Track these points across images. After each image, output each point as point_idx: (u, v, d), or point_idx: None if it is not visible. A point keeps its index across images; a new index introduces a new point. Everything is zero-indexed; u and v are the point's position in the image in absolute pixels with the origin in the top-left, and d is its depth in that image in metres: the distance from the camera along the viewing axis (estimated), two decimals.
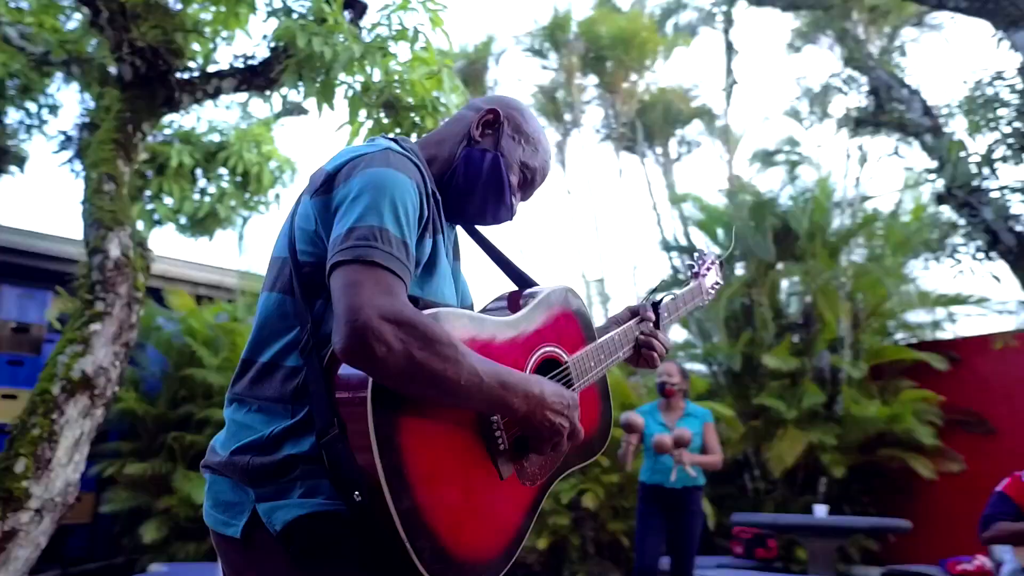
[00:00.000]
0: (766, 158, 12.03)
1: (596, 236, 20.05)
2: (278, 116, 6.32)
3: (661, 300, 1.83)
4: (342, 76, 3.44)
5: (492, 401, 1.25)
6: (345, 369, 1.23)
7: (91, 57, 5.15)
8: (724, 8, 8.53)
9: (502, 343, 1.39)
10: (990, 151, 5.82)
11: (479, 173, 1.52)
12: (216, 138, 5.91)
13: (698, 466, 4.89)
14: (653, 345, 1.73)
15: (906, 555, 8.58)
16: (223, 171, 5.85)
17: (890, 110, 8.20)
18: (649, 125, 11.44)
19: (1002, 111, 5.90)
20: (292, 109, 6.52)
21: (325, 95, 3.49)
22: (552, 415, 1.33)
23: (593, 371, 1.57)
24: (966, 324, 10.56)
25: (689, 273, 2.13)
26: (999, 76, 6.03)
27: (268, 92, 3.99)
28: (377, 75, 3.56)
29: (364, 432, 1.16)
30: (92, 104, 5.26)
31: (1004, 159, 6.15)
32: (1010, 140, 5.73)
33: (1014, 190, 6.37)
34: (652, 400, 5.97)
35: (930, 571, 5.82)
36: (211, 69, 3.98)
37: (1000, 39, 5.88)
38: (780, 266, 10.47)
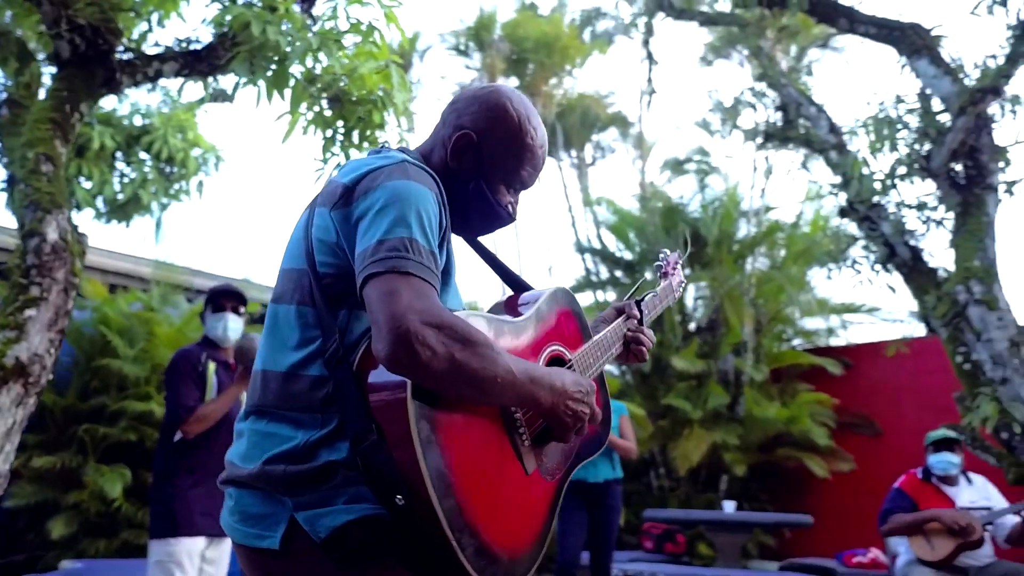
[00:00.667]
0: (677, 166, 12.46)
1: (513, 236, 20.21)
2: (202, 102, 6.16)
3: (644, 299, 1.94)
4: (295, 67, 3.43)
5: (523, 396, 1.30)
6: (379, 375, 1.25)
7: (7, 31, 4.92)
8: (645, 19, 8.77)
9: (516, 344, 1.45)
10: (893, 170, 6.22)
11: (467, 204, 1.54)
12: (138, 121, 5.72)
13: (617, 452, 5.06)
14: (641, 340, 1.81)
15: (800, 550, 9.05)
16: (145, 156, 5.67)
17: (798, 126, 8.60)
18: (567, 129, 11.67)
19: (902, 133, 6.32)
20: (217, 95, 6.38)
21: (278, 85, 3.47)
22: (574, 404, 1.38)
23: (594, 367, 1.64)
24: (858, 332, 11.20)
25: (658, 274, 2.24)
26: (901, 100, 6.47)
27: (210, 78, 3.92)
28: (323, 67, 3.56)
29: (405, 435, 1.19)
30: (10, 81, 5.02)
31: (902, 178, 6.57)
32: (909, 161, 6.14)
33: (910, 207, 6.81)
34: None
35: (828, 564, 6.18)
36: (153, 51, 3.88)
37: (904, 65, 6.30)
38: (688, 271, 10.86)
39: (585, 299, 11.52)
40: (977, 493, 5.01)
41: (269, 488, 1.28)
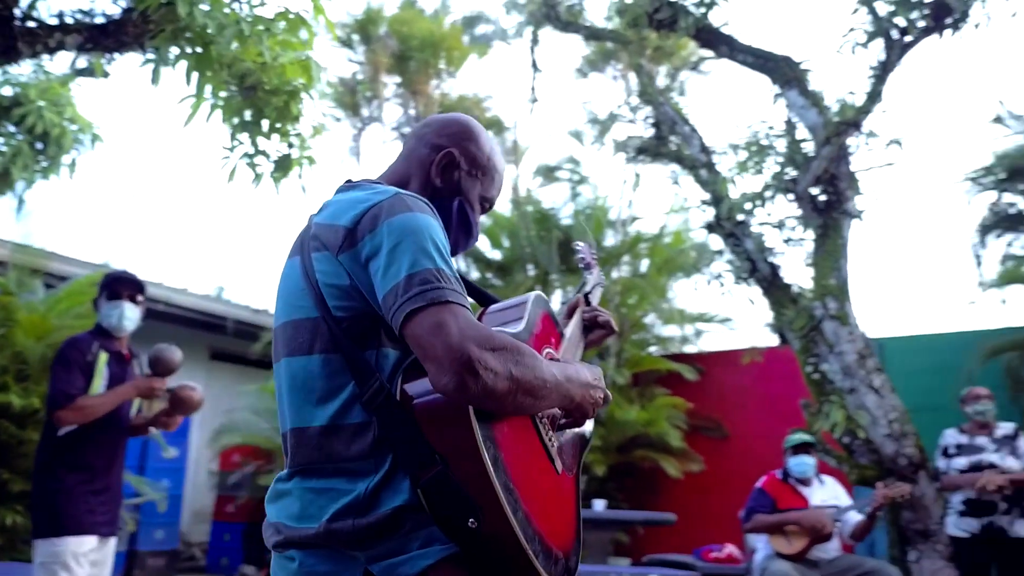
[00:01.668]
0: (548, 173, 12.77)
1: None
2: (75, 75, 5.76)
3: (591, 291, 2.05)
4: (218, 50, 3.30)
5: (564, 395, 1.35)
6: (433, 404, 1.25)
7: None
8: (531, 28, 8.95)
9: None
10: (763, 191, 6.67)
11: (450, 223, 1.55)
12: (8, 92, 5.26)
13: None
14: (598, 314, 1.90)
15: (652, 547, 9.48)
16: (13, 128, 5.22)
17: (670, 143, 9.01)
18: None
19: (771, 158, 6.79)
20: (87, 70, 6.00)
21: (200, 67, 3.33)
22: (595, 392, 1.46)
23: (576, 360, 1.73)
24: (710, 340, 11.85)
25: (582, 266, 2.32)
26: (771, 127, 6.95)
27: (116, 54, 3.70)
28: (246, 54, 3.45)
29: (475, 457, 1.21)
30: None
31: (771, 198, 7.05)
32: (777, 183, 6.61)
33: (772, 226, 7.30)
34: None
35: (686, 560, 6.54)
36: (52, 22, 3.61)
37: (776, 95, 6.77)
38: (555, 276, 11.17)
39: None
40: (828, 492, 5.48)
41: (338, 546, 1.26)
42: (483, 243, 11.77)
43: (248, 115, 3.87)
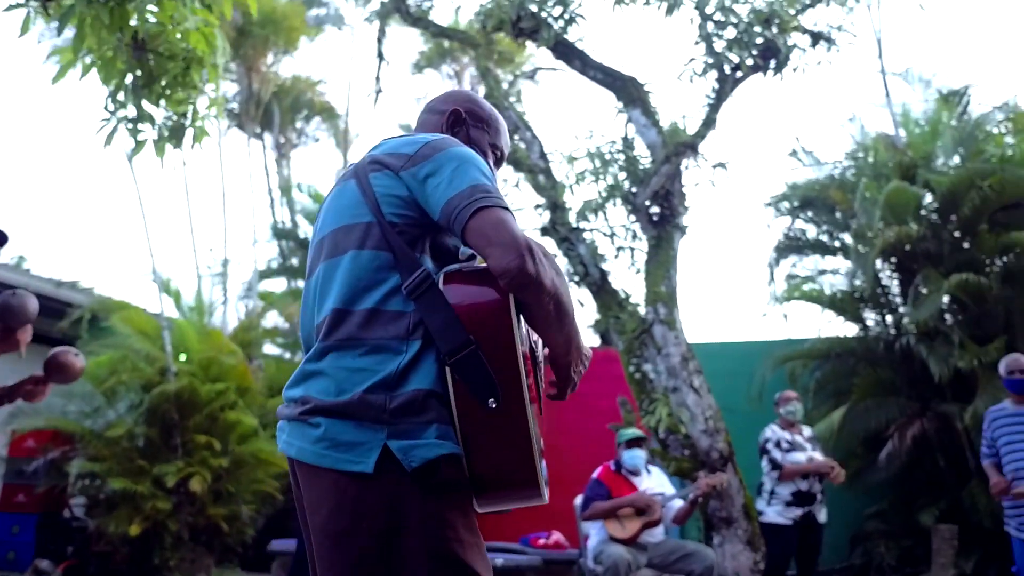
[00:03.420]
0: None
1: (219, 212, 18.93)
2: None
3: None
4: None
5: (568, 336, 1.55)
6: (477, 295, 1.46)
7: None
8: (376, 20, 8.90)
9: None
10: (604, 200, 7.11)
11: None
12: None
13: None
14: None
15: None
16: None
17: (512, 148, 9.31)
18: (281, 111, 11.33)
19: (613, 169, 7.25)
20: None
21: (113, 26, 3.10)
22: (583, 365, 1.65)
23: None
24: None
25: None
26: (613, 141, 7.41)
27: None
28: (152, 14, 3.27)
29: (509, 341, 1.42)
30: None
31: (604, 208, 7.51)
32: (618, 194, 7.07)
33: (604, 234, 7.78)
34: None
35: (514, 547, 6.82)
36: None
37: (619, 111, 7.24)
38: None
39: (278, 285, 11.29)
40: (655, 481, 5.96)
41: (366, 417, 1.42)
42: (308, 229, 11.54)
43: (132, 77, 3.67)
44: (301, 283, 11.08)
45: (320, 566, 1.46)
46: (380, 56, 9.12)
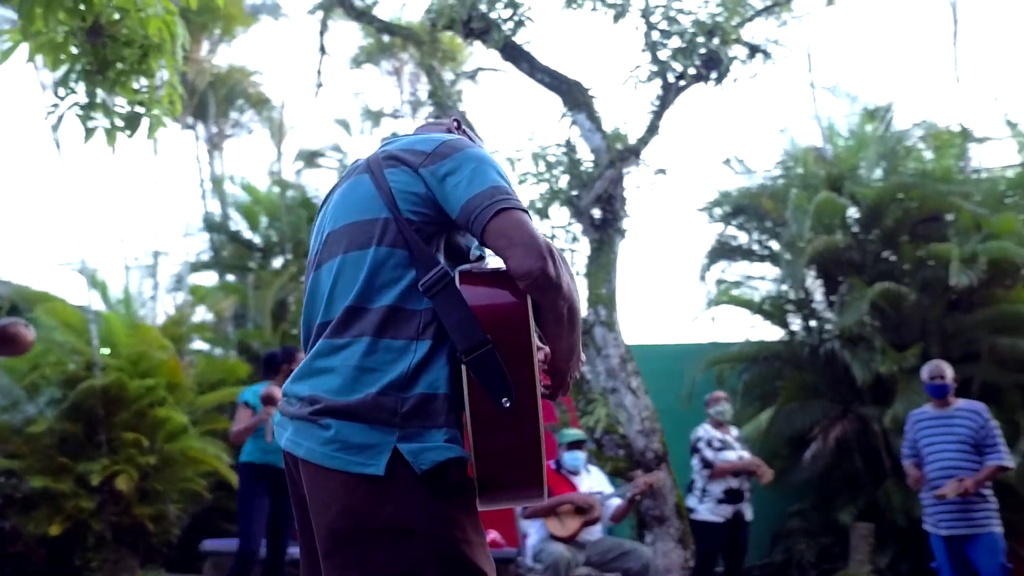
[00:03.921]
0: (310, 158, 12.53)
1: (148, 203, 18.24)
2: None
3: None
4: None
5: (573, 340, 1.58)
6: (495, 296, 1.48)
7: None
8: (320, 14, 8.79)
9: None
10: (548, 203, 7.17)
11: None
12: None
13: None
14: None
15: None
16: None
17: None
18: (216, 101, 11.03)
19: (557, 171, 7.32)
20: None
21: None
22: (580, 367, 1.67)
23: None
24: None
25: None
26: (558, 144, 7.48)
27: None
28: None
29: (526, 342, 1.44)
30: None
31: (545, 210, 7.56)
32: (562, 196, 7.14)
33: (545, 236, 7.84)
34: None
35: None
36: None
37: (564, 115, 7.31)
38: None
39: (209, 279, 11.02)
40: (594, 481, 6.06)
41: (377, 420, 1.43)
42: (240, 223, 11.29)
43: (82, 64, 3.55)
44: (231, 277, 10.84)
45: (327, 565, 1.46)
46: (322, 49, 9.01)
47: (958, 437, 4.98)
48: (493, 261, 2.32)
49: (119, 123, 3.52)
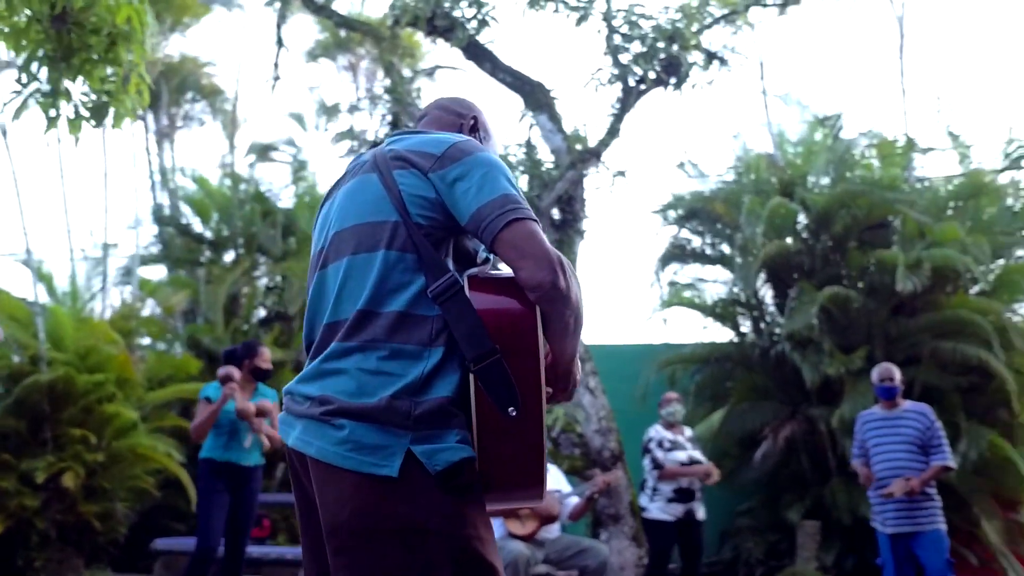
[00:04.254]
0: (263, 151, 12.36)
1: (97, 194, 17.70)
2: None
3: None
4: None
5: (575, 348, 1.59)
6: (505, 304, 1.49)
7: None
8: (278, 6, 8.68)
9: None
10: None
11: None
12: None
13: (274, 438, 5.10)
14: None
15: None
16: None
17: None
18: (168, 91, 10.79)
19: (515, 172, 7.37)
20: None
21: None
22: (579, 376, 1.68)
23: None
24: None
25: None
26: (519, 144, 7.53)
27: None
28: None
29: (533, 351, 1.45)
30: None
31: None
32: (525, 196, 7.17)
33: None
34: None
35: None
36: None
37: (525, 115, 7.36)
38: (262, 260, 10.91)
39: (158, 272, 10.80)
40: (553, 480, 6.10)
41: (391, 421, 1.44)
42: (191, 216, 11.09)
43: (45, 50, 3.47)
44: (182, 272, 10.63)
45: (337, 563, 1.46)
46: (279, 42, 8.89)
47: (905, 438, 5.14)
48: (501, 265, 2.34)
49: (84, 112, 3.45)
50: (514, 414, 1.43)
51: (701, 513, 6.12)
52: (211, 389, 5.05)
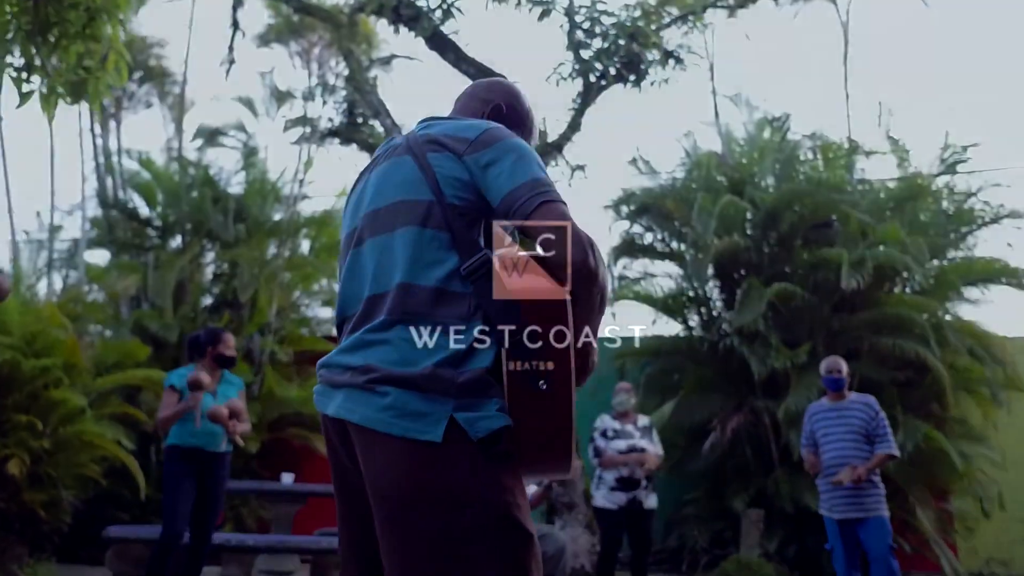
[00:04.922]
0: (211, 136, 12.11)
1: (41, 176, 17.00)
2: None
3: None
4: None
5: (598, 327, 1.66)
6: (532, 279, 1.54)
7: None
8: None
9: None
10: None
11: None
12: None
13: (245, 435, 5.08)
14: None
15: (317, 522, 9.56)
16: None
17: (363, 130, 9.21)
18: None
19: None
20: None
21: None
22: (597, 357, 1.74)
23: None
24: None
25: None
26: None
27: None
28: None
29: (563, 330, 1.51)
30: None
31: None
32: None
33: None
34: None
35: None
36: None
37: None
38: (209, 246, 10.75)
39: (102, 257, 10.54)
40: None
41: (434, 389, 1.50)
42: (137, 200, 10.84)
43: (20, 24, 3.40)
44: (127, 257, 10.40)
45: (383, 529, 1.51)
46: (235, 25, 8.80)
47: (851, 428, 5.36)
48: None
49: (60, 89, 3.39)
50: (545, 388, 1.50)
51: (651, 502, 6.14)
52: (176, 377, 4.99)
